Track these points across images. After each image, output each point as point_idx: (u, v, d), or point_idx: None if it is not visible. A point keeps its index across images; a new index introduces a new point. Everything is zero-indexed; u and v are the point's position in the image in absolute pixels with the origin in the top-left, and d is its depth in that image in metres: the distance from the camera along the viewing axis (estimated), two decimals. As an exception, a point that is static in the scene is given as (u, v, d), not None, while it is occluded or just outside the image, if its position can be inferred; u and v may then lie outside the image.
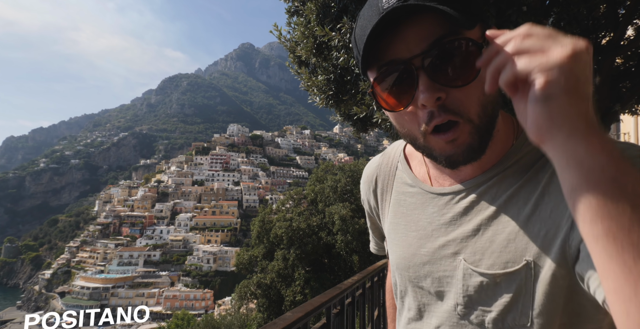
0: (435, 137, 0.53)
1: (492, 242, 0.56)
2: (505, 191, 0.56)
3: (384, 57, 0.52)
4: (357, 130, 3.88)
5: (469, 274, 0.57)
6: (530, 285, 0.52)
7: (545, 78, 0.36)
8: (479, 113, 0.51)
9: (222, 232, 79.24)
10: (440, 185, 0.65)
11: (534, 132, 0.39)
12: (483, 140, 0.53)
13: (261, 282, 14.73)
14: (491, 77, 0.43)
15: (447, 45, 0.48)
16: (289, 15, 3.89)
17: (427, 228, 0.64)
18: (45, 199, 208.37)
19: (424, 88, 0.49)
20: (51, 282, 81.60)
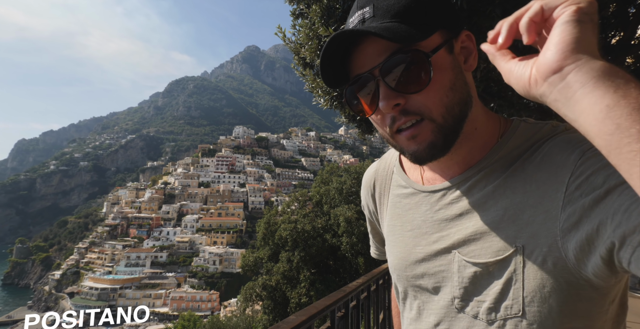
0: (399, 135, 0.58)
1: (483, 232, 0.57)
2: (492, 182, 0.58)
3: (354, 70, 0.58)
4: (362, 131, 3.87)
5: (463, 265, 0.59)
6: (520, 272, 0.53)
7: (578, 6, 0.39)
8: (443, 114, 0.55)
9: (227, 234, 79.52)
10: (432, 184, 0.67)
11: (559, 53, 0.39)
12: (448, 139, 0.56)
13: (266, 284, 14.72)
14: (508, 29, 0.46)
15: (397, 57, 0.53)
16: (294, 17, 3.89)
17: (421, 226, 0.66)
18: (55, 201, 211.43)
19: (382, 96, 0.55)
20: (61, 282, 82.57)
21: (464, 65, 0.59)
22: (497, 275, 0.55)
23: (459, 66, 0.58)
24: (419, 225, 0.67)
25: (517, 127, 0.61)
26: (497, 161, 0.59)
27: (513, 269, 0.53)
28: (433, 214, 0.65)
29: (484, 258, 0.57)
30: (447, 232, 0.62)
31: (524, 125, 0.61)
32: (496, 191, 0.57)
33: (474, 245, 0.58)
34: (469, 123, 0.59)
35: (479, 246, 0.58)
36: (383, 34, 0.50)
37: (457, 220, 0.61)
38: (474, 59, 0.60)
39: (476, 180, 0.60)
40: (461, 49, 0.59)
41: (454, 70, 0.56)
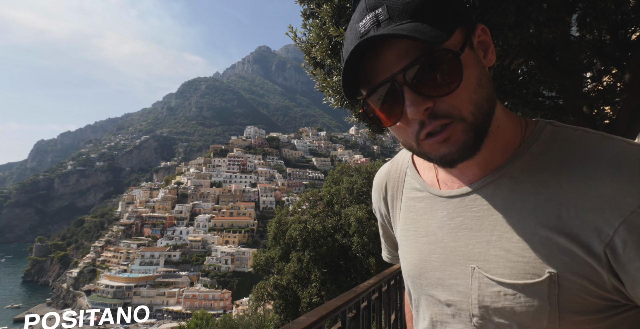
0: (428, 140, 0.53)
1: (508, 251, 0.53)
2: (519, 194, 0.54)
3: (370, 78, 0.54)
4: (372, 131, 3.84)
5: (485, 283, 0.55)
6: (554, 299, 0.49)
7: None
8: (473, 112, 0.52)
9: (239, 233, 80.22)
10: (449, 188, 0.63)
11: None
12: (478, 138, 0.53)
13: (278, 283, 14.79)
14: None
15: (424, 59, 0.49)
16: (305, 17, 3.89)
17: (437, 233, 0.63)
18: (72, 200, 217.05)
19: (410, 102, 0.50)
20: (78, 280, 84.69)
21: (484, 60, 0.56)
22: (525, 299, 0.51)
23: (481, 61, 0.54)
24: (434, 231, 0.63)
25: (542, 130, 0.57)
26: (521, 168, 0.55)
27: (546, 296, 0.50)
28: (450, 221, 0.61)
29: (511, 279, 0.52)
30: (465, 242, 0.58)
31: (550, 129, 0.57)
32: (523, 206, 0.53)
33: (496, 262, 0.54)
34: (495, 120, 0.55)
35: (502, 265, 0.53)
36: (416, 36, 0.47)
37: (476, 230, 0.57)
38: (492, 53, 0.56)
39: (498, 187, 0.56)
40: (478, 44, 0.55)
41: (477, 66, 0.53)
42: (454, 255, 0.60)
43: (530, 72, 4.11)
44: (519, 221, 0.52)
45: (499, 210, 0.55)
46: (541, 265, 0.50)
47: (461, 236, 0.59)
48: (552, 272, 0.49)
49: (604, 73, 4.08)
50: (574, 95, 3.27)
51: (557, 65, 3.19)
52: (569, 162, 0.51)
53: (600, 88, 4.14)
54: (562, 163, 0.51)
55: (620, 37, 3.43)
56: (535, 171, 0.53)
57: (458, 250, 0.59)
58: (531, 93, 4.02)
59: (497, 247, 0.54)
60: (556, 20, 2.37)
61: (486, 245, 0.55)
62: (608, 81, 4.18)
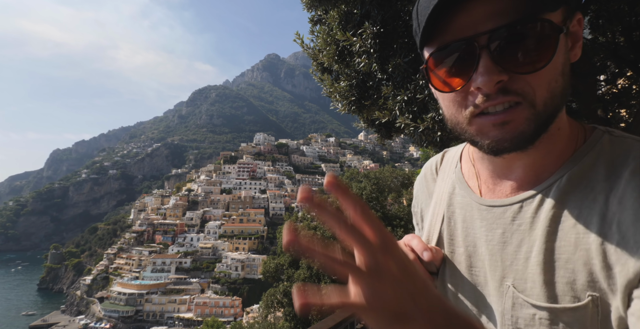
0: (482, 119, 0.47)
1: (546, 270, 0.48)
2: (564, 209, 0.49)
3: (446, 32, 0.46)
4: (381, 136, 3.81)
5: (519, 304, 0.50)
6: (596, 324, 0.45)
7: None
8: (546, 101, 0.45)
9: (249, 240, 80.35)
10: (492, 197, 0.57)
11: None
12: (538, 131, 0.46)
13: (287, 291, 14.69)
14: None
15: (520, 25, 0.43)
16: (312, 24, 3.92)
17: (476, 244, 0.58)
18: (86, 208, 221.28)
19: (483, 70, 0.44)
20: (91, 287, 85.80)
21: (570, 52, 0.49)
22: (564, 324, 0.47)
23: (567, 52, 0.48)
24: (473, 242, 0.58)
25: (598, 139, 0.51)
26: (571, 179, 0.49)
27: (588, 321, 0.45)
28: (489, 233, 0.56)
29: (548, 302, 0.48)
30: (502, 257, 0.53)
31: (608, 138, 0.50)
32: (568, 223, 0.48)
33: (533, 282, 0.49)
34: (557, 120, 0.49)
35: (538, 285, 0.48)
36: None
37: (516, 244, 0.52)
38: (579, 48, 0.50)
39: (544, 200, 0.50)
40: (571, 34, 0.48)
41: (565, 54, 0.47)
42: (490, 270, 0.55)
43: (541, 75, 4.04)
44: (561, 237, 0.48)
45: (541, 225, 0.50)
46: (581, 287, 0.45)
47: (499, 250, 0.54)
48: (594, 296, 0.45)
49: (618, 76, 3.99)
50: (588, 98, 3.20)
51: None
52: (622, 176, 0.45)
53: (615, 91, 4.05)
54: (615, 178, 0.46)
55: (635, 38, 3.36)
56: (584, 184, 0.48)
57: (495, 265, 0.54)
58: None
59: (535, 265, 0.49)
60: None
61: (524, 262, 0.50)
62: (623, 84, 4.09)
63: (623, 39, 3.56)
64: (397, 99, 2.93)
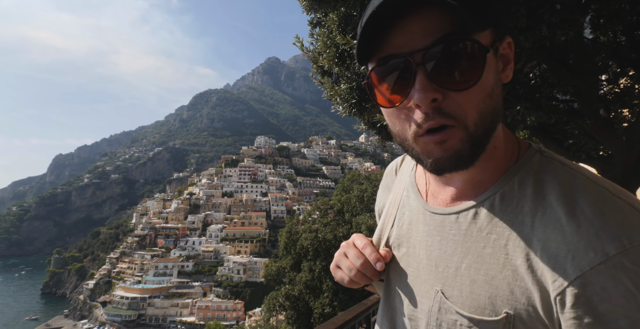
0: (425, 138, 0.49)
1: (473, 282, 0.51)
2: (494, 226, 0.52)
3: (385, 49, 0.48)
4: (382, 138, 3.80)
5: (444, 309, 0.54)
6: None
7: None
8: (476, 121, 0.48)
9: (251, 243, 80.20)
10: (435, 203, 0.61)
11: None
12: (474, 151, 0.49)
13: (289, 294, 14.63)
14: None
15: (452, 43, 0.45)
16: (312, 26, 3.92)
17: (416, 246, 0.61)
18: (88, 212, 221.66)
19: (420, 87, 0.46)
20: (94, 292, 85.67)
21: (502, 74, 0.52)
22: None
23: (498, 73, 0.50)
24: (414, 244, 0.62)
25: (529, 158, 0.54)
26: (502, 197, 0.52)
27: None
28: (428, 238, 0.59)
29: (469, 312, 0.51)
30: (437, 263, 0.57)
31: (538, 158, 0.53)
32: (498, 240, 0.51)
33: (460, 290, 0.53)
34: (492, 139, 0.51)
35: (465, 295, 0.52)
36: (457, 7, 0.42)
37: (450, 253, 0.55)
38: (511, 70, 0.52)
39: (478, 214, 0.53)
40: (500, 56, 0.51)
41: (495, 75, 0.49)
42: (425, 273, 0.58)
43: (542, 75, 4.03)
44: (489, 254, 0.51)
45: (474, 239, 0.53)
46: (501, 303, 0.48)
47: (435, 256, 0.57)
48: (509, 313, 0.48)
49: (620, 76, 3.97)
50: (590, 98, 3.17)
51: (571, 68, 3.11)
52: (547, 200, 0.48)
53: (617, 91, 4.02)
54: (540, 200, 0.48)
55: (637, 38, 3.34)
56: (514, 203, 0.51)
57: (429, 269, 0.57)
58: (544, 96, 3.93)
59: (464, 275, 0.52)
60: (570, 21, 2.32)
61: (455, 271, 0.54)
62: (625, 83, 4.06)
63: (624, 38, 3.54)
64: (397, 101, 2.91)
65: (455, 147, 0.48)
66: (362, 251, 0.62)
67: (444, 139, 0.48)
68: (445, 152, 0.48)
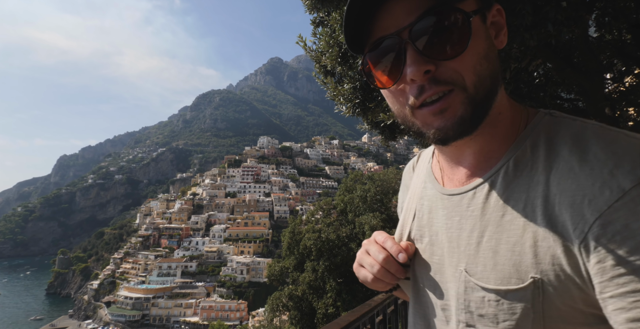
0: (423, 109, 0.50)
1: (495, 253, 0.50)
2: (511, 192, 0.50)
3: (374, 33, 0.50)
4: (385, 138, 3.78)
5: (470, 288, 0.52)
6: (539, 306, 0.46)
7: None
8: (475, 83, 0.48)
9: (254, 243, 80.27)
10: (452, 186, 0.60)
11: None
12: (476, 113, 0.49)
13: (293, 294, 14.62)
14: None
15: (435, 15, 0.46)
16: (315, 26, 3.92)
17: (438, 233, 0.60)
18: (92, 213, 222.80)
19: (410, 61, 0.47)
20: (98, 292, 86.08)
21: (495, 40, 0.52)
22: (509, 306, 0.48)
23: (491, 38, 0.51)
24: (436, 231, 0.60)
25: (539, 121, 0.53)
26: (516, 163, 0.51)
27: (530, 303, 0.46)
28: (448, 221, 0.58)
29: (495, 284, 0.49)
30: (458, 243, 0.55)
31: (547, 119, 0.53)
32: (515, 206, 0.49)
33: (483, 266, 0.51)
34: (496, 104, 0.51)
35: (489, 269, 0.50)
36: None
37: (469, 230, 0.54)
38: (504, 36, 0.54)
39: (493, 185, 0.53)
40: (491, 24, 0.53)
41: (487, 40, 0.50)
42: (448, 257, 0.57)
43: (547, 74, 4.00)
44: (509, 221, 0.49)
45: (492, 210, 0.52)
46: (526, 268, 0.47)
47: (456, 237, 0.56)
48: (535, 277, 0.46)
49: (625, 74, 3.93)
50: (595, 96, 3.15)
51: (576, 67, 3.09)
52: (560, 155, 0.47)
53: (622, 89, 3.99)
54: (554, 157, 0.48)
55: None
56: (528, 166, 0.50)
57: (452, 251, 0.56)
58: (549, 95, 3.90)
59: (485, 249, 0.51)
60: (575, 18, 2.30)
61: (476, 247, 0.52)
62: (630, 82, 4.03)
63: (629, 37, 3.51)
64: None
65: (458, 112, 0.48)
66: (383, 245, 0.62)
67: (444, 107, 0.48)
68: (448, 119, 0.48)
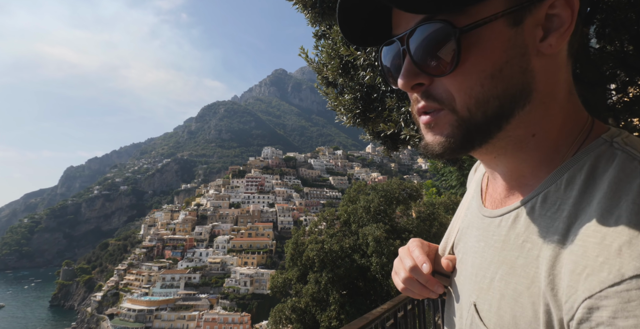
0: (421, 117, 0.46)
1: (502, 297, 0.45)
2: (531, 233, 0.44)
3: (393, 25, 0.47)
4: (387, 148, 3.78)
5: (475, 324, 0.49)
6: None
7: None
8: (469, 107, 0.42)
9: (258, 254, 79.69)
10: (488, 205, 0.55)
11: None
12: (469, 138, 0.43)
13: (296, 306, 14.40)
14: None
15: (424, 26, 0.41)
16: (317, 38, 3.98)
17: (467, 253, 0.56)
18: (97, 224, 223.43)
19: (403, 71, 0.44)
20: (102, 304, 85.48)
21: (537, 44, 0.41)
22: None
23: (522, 46, 0.40)
24: (466, 250, 0.57)
25: (592, 150, 0.42)
26: (545, 198, 0.44)
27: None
28: (476, 243, 0.53)
29: (492, 324, 0.46)
30: (477, 271, 0.51)
31: (603, 151, 0.42)
32: (532, 250, 0.43)
33: (489, 305, 0.47)
34: (520, 125, 0.43)
35: (493, 310, 0.46)
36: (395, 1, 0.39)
37: (489, 261, 0.49)
38: (561, 37, 0.41)
39: (519, 218, 0.46)
40: (547, 18, 0.40)
41: (507, 51, 0.40)
42: (467, 282, 0.54)
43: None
44: (522, 266, 0.43)
45: (510, 247, 0.46)
46: (524, 325, 0.42)
47: (477, 264, 0.52)
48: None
49: (629, 85, 3.92)
50: (598, 107, 3.13)
51: (578, 78, 3.08)
52: (592, 203, 0.38)
53: (626, 100, 3.96)
54: (584, 205, 0.39)
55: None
56: (555, 206, 0.42)
57: (470, 278, 0.53)
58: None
59: (495, 288, 0.46)
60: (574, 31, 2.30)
61: (489, 283, 0.48)
62: (634, 92, 4.01)
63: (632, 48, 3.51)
64: (401, 111, 2.91)
65: (445, 131, 0.44)
66: (411, 253, 0.59)
67: (430, 122, 0.45)
68: (434, 136, 0.45)
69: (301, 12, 3.13)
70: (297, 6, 3.06)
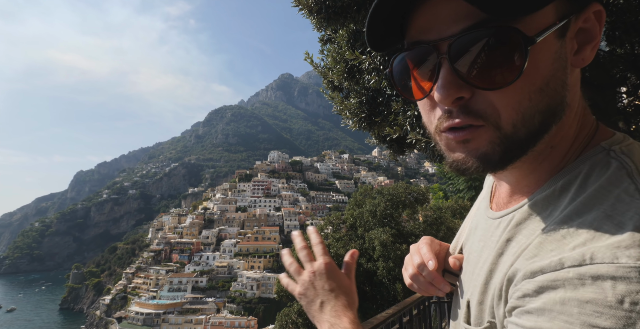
0: (448, 134, 0.42)
1: (485, 291, 0.47)
2: (517, 233, 0.45)
3: (410, 33, 0.41)
4: (393, 152, 3.77)
5: (462, 326, 0.51)
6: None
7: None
8: (515, 123, 0.38)
9: (264, 258, 79.67)
10: (495, 206, 0.55)
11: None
12: (508, 155, 0.40)
13: (302, 310, 14.33)
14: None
15: (482, 33, 0.36)
16: (322, 43, 4.01)
17: (471, 253, 0.56)
18: (106, 228, 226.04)
19: (442, 83, 0.39)
20: (110, 307, 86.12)
21: (572, 57, 0.40)
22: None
23: (564, 59, 0.39)
24: (470, 251, 0.57)
25: (589, 158, 0.42)
26: (536, 203, 0.44)
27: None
28: (478, 243, 0.54)
29: (472, 324, 0.48)
30: (474, 270, 0.52)
31: (599, 159, 0.41)
32: (514, 248, 0.43)
33: (474, 304, 0.48)
34: (546, 139, 0.41)
35: (476, 308, 0.48)
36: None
37: (483, 261, 0.50)
38: (592, 50, 0.40)
39: (511, 220, 0.47)
40: (579, 32, 0.40)
41: (554, 64, 0.38)
42: (466, 281, 0.55)
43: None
44: (503, 262, 0.44)
45: (501, 245, 0.46)
46: (489, 311, 0.45)
47: (474, 263, 0.52)
48: (491, 321, 0.44)
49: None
50: (608, 111, 3.09)
51: (587, 81, 3.05)
52: (577, 206, 0.38)
53: (637, 103, 3.90)
54: (572, 207, 0.39)
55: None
56: (547, 210, 0.42)
57: (470, 277, 0.53)
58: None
59: (483, 284, 0.47)
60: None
61: (481, 279, 0.48)
62: (645, 94, 3.94)
63: (642, 49, 3.45)
64: (407, 115, 2.90)
65: (482, 148, 0.40)
66: (419, 250, 0.60)
67: (467, 138, 0.40)
68: (469, 152, 0.41)
69: (307, 17, 3.16)
70: (303, 12, 3.08)
